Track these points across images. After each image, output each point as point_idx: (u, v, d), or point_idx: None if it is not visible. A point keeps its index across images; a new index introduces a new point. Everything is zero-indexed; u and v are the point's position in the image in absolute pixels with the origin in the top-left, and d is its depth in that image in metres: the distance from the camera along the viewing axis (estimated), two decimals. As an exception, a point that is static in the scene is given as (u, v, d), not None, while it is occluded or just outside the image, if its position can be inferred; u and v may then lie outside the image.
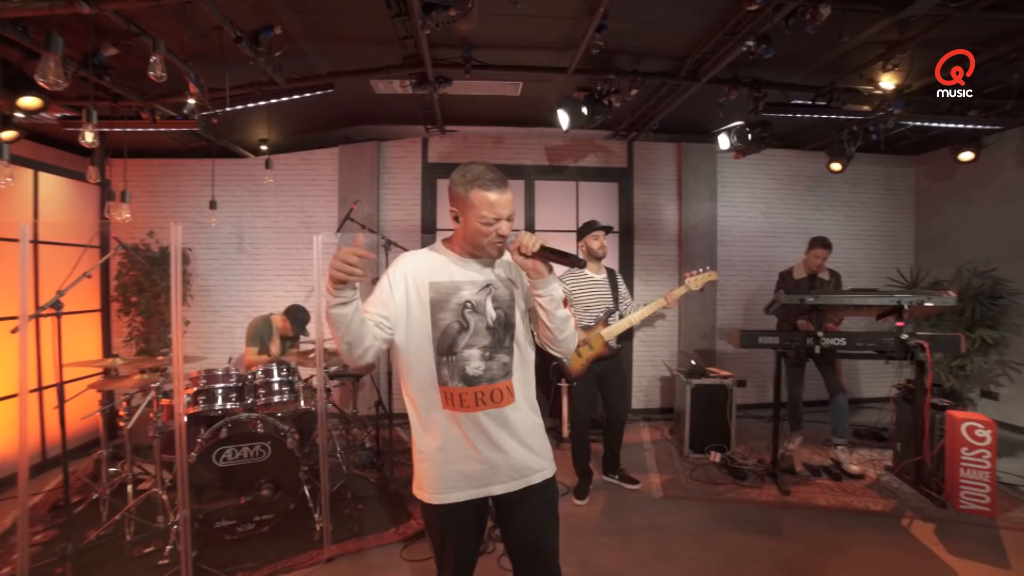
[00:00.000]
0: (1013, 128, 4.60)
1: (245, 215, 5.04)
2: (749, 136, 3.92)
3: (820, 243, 4.11)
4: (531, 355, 1.61)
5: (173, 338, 2.24)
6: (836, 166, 4.77)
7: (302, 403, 3.23)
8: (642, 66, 3.77)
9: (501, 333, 1.51)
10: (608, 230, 3.50)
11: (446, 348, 1.47)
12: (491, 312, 1.51)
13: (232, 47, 2.99)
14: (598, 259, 3.47)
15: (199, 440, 2.91)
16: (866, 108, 3.97)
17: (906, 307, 3.33)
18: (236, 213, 5.01)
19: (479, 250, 1.51)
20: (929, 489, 3.39)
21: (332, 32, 3.34)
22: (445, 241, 1.59)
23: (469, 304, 1.49)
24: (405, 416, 5.24)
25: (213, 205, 4.08)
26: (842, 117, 4.18)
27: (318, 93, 3.82)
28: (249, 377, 3.17)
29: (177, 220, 2.24)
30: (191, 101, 3.52)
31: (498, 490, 1.51)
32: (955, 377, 4.87)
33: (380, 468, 3.72)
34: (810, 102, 4.03)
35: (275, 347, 3.86)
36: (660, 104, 4.38)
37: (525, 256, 1.43)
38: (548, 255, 1.43)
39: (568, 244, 4.94)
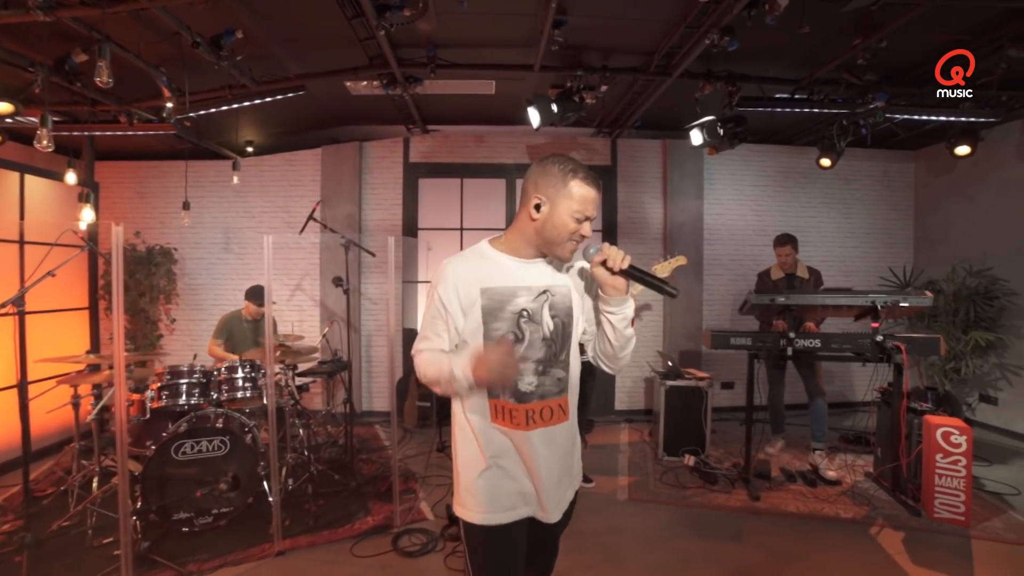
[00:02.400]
0: (1012, 121, 4.41)
1: (231, 215, 5.14)
2: (720, 131, 3.82)
3: (778, 241, 4.09)
4: (579, 368, 1.45)
5: (115, 338, 2.31)
6: (825, 162, 4.60)
7: (265, 399, 3.28)
8: (611, 62, 3.71)
9: (558, 345, 1.37)
10: None
11: None
12: (548, 322, 1.36)
13: (197, 51, 3.05)
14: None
15: (164, 434, 2.98)
16: (846, 101, 3.84)
17: (880, 307, 3.22)
18: (222, 213, 5.12)
19: (551, 247, 1.35)
20: (905, 496, 3.28)
21: (297, 35, 3.37)
22: (493, 241, 1.42)
23: (525, 313, 1.34)
24: (374, 414, 5.21)
25: (186, 206, 4.17)
26: (825, 111, 4.05)
27: (290, 95, 3.87)
28: (214, 373, 3.24)
29: (119, 222, 2.30)
30: (168, 105, 3.61)
31: (542, 516, 1.38)
32: (950, 380, 4.69)
33: (347, 465, 3.76)
34: (788, 96, 3.93)
35: (254, 351, 3.88)
36: (637, 100, 4.32)
37: (611, 272, 1.31)
38: (635, 276, 1.31)
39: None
